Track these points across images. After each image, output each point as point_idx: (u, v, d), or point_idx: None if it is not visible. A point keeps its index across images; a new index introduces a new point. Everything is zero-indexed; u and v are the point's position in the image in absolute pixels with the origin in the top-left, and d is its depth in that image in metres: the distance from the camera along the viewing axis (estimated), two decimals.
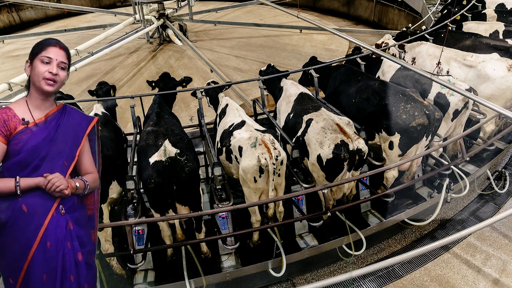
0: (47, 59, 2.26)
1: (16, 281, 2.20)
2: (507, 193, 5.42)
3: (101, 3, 17.83)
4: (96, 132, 2.57)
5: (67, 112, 2.44)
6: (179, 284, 3.75)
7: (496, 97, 4.95)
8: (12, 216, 2.19)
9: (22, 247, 2.19)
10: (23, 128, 2.26)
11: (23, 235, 2.20)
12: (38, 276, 2.19)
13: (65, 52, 2.34)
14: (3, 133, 2.23)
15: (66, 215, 2.30)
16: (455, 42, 6.12)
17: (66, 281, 2.26)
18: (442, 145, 4.50)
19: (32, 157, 2.25)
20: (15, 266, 2.20)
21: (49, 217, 2.22)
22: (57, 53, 2.29)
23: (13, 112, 2.29)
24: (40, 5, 14.64)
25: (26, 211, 2.19)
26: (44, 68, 2.26)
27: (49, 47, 2.29)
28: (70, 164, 2.37)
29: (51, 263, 2.22)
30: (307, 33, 12.54)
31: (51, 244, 2.22)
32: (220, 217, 3.98)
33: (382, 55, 5.13)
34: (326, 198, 3.77)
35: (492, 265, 4.27)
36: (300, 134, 4.25)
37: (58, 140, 2.32)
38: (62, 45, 2.34)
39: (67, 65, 2.35)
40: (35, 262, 2.19)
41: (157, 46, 11.92)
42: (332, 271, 4.54)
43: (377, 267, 3.30)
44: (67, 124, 2.39)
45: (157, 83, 5.11)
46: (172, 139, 3.73)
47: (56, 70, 2.27)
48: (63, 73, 2.33)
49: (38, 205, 2.21)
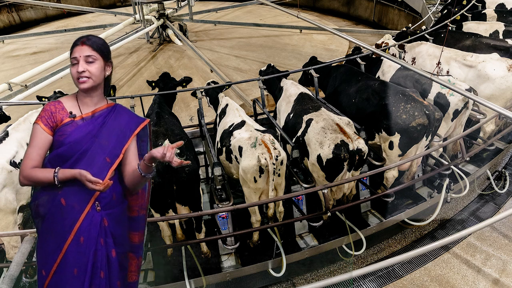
0: (74, 60, 2.28)
1: (48, 273, 2.23)
2: (507, 193, 5.42)
3: (101, 3, 17.82)
4: (149, 134, 2.54)
5: (117, 111, 2.43)
6: (179, 284, 3.75)
7: (496, 97, 4.95)
8: (51, 210, 2.23)
9: (58, 240, 2.22)
10: (69, 121, 2.28)
11: (60, 229, 2.22)
12: (70, 270, 2.21)
13: (89, 45, 2.29)
14: (50, 124, 2.27)
15: (102, 211, 2.29)
16: (455, 42, 6.12)
17: (96, 277, 2.26)
18: (442, 145, 4.51)
19: (74, 150, 2.26)
20: (49, 259, 2.23)
21: (85, 212, 2.23)
22: (80, 50, 2.28)
23: (62, 105, 2.32)
24: (40, 5, 14.63)
25: (64, 205, 2.22)
26: (73, 70, 2.28)
27: (74, 48, 2.30)
28: (114, 162, 2.34)
29: (83, 258, 2.23)
30: (307, 33, 12.53)
31: (84, 240, 2.23)
32: (220, 217, 3.98)
33: (382, 55, 5.12)
34: (326, 198, 3.77)
35: (492, 265, 4.27)
36: (300, 134, 4.25)
37: (102, 137, 2.32)
38: (86, 40, 2.30)
39: (96, 56, 2.29)
40: (68, 256, 2.21)
41: (157, 46, 11.92)
42: (332, 271, 4.54)
43: (377, 267, 3.29)
44: (114, 122, 2.39)
45: (157, 83, 5.11)
46: (172, 139, 3.73)
47: (83, 67, 2.26)
48: (94, 66, 2.28)
49: (76, 200, 2.22)
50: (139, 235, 2.58)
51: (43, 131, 2.26)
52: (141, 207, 2.56)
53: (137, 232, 2.57)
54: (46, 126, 2.27)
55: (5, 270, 3.24)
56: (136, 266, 2.59)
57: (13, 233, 3.50)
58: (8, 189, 3.60)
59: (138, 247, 2.58)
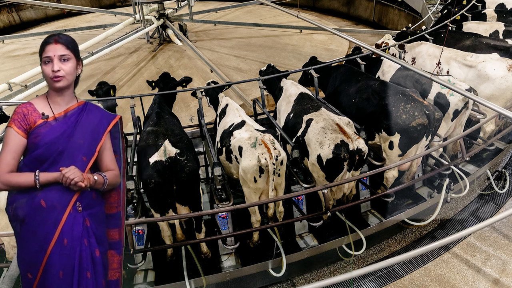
0: (47, 59, 2.27)
1: (35, 276, 2.21)
2: (507, 193, 5.42)
3: (101, 3, 17.82)
4: (120, 130, 2.55)
5: (88, 109, 2.43)
6: (179, 284, 3.75)
7: (496, 97, 4.94)
8: (31, 212, 2.20)
9: (41, 241, 2.19)
10: (42, 122, 2.27)
11: (42, 230, 2.20)
12: (55, 273, 2.20)
13: (63, 43, 2.29)
14: (23, 127, 2.25)
15: (83, 212, 2.29)
16: (455, 42, 6.12)
17: (83, 278, 2.25)
18: (442, 145, 4.51)
19: (50, 151, 2.25)
20: (34, 261, 2.20)
21: (66, 213, 2.22)
22: (54, 48, 2.27)
23: (34, 106, 2.30)
24: (40, 5, 14.63)
25: (44, 206, 2.20)
26: (47, 69, 2.27)
27: (46, 46, 2.28)
28: (90, 160, 2.35)
29: (68, 260, 2.21)
30: (307, 33, 12.54)
31: (68, 241, 2.21)
32: (220, 217, 3.98)
33: (382, 55, 5.12)
34: (326, 198, 3.77)
35: (492, 265, 4.27)
36: (300, 134, 4.24)
37: (76, 136, 2.31)
38: (58, 39, 2.30)
39: (69, 55, 2.30)
40: (52, 258, 2.19)
41: (157, 46, 11.92)
42: (332, 271, 4.54)
43: (377, 267, 3.29)
44: (87, 120, 2.38)
45: (157, 83, 5.11)
46: (172, 139, 3.73)
47: (58, 66, 2.26)
48: (68, 65, 2.29)
49: (56, 200, 2.21)
50: (118, 232, 2.57)
51: (16, 134, 2.24)
52: (118, 204, 2.56)
53: (117, 229, 2.56)
54: (20, 129, 2.24)
55: (5, 270, 3.24)
56: (118, 263, 2.57)
57: (13, 233, 3.49)
58: None
59: (118, 244, 2.57)
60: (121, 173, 2.54)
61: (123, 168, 2.58)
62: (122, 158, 2.59)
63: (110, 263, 2.53)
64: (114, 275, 2.55)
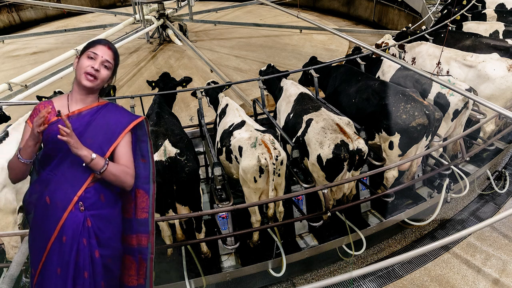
0: (93, 54, 2.28)
1: (35, 271, 2.25)
2: (507, 193, 5.42)
3: (101, 3, 17.83)
4: (147, 133, 2.47)
5: (107, 109, 2.39)
6: (179, 284, 3.75)
7: (496, 97, 4.95)
8: (38, 207, 2.26)
9: (43, 238, 2.23)
10: (55, 119, 2.26)
11: (45, 227, 2.23)
12: (54, 269, 2.22)
13: (113, 53, 2.34)
14: None
15: (86, 211, 2.27)
16: (455, 42, 6.12)
17: (80, 277, 2.25)
18: (442, 145, 4.50)
19: (57, 149, 2.25)
20: (36, 257, 2.25)
21: (67, 212, 2.22)
22: (104, 51, 2.31)
23: (52, 104, 2.33)
24: (40, 5, 14.62)
25: (49, 203, 2.23)
26: (88, 63, 2.28)
27: (99, 45, 2.32)
28: None
29: (65, 257, 2.22)
30: (307, 33, 12.54)
31: (67, 239, 2.22)
32: (220, 217, 3.98)
33: (382, 55, 5.12)
34: (326, 198, 3.77)
35: (492, 265, 4.27)
36: (300, 134, 4.25)
37: (86, 136, 2.28)
38: (111, 46, 2.35)
39: (112, 65, 2.34)
40: (52, 255, 2.22)
41: (157, 46, 11.92)
42: (332, 271, 4.54)
43: (377, 267, 3.29)
44: (102, 120, 2.34)
45: (157, 83, 5.11)
46: (172, 139, 3.73)
47: (99, 66, 2.27)
48: (106, 72, 2.31)
49: (59, 198, 2.23)
50: (136, 238, 2.48)
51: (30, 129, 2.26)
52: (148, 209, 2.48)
53: (145, 235, 2.48)
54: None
55: (5, 270, 3.25)
56: (136, 269, 2.51)
57: (13, 233, 3.50)
58: (8, 189, 3.60)
59: (136, 250, 2.49)
60: (150, 178, 2.47)
61: (153, 174, 2.48)
62: (151, 163, 2.48)
63: (128, 268, 2.50)
64: (131, 282, 2.51)
